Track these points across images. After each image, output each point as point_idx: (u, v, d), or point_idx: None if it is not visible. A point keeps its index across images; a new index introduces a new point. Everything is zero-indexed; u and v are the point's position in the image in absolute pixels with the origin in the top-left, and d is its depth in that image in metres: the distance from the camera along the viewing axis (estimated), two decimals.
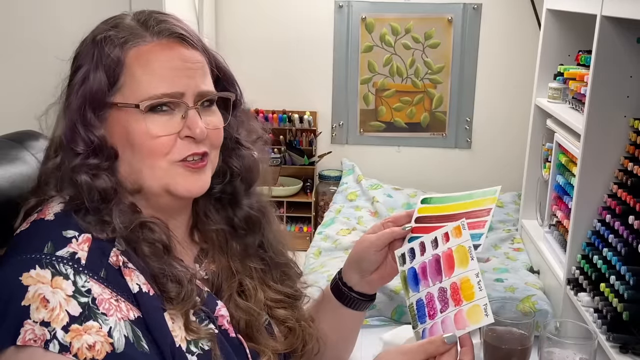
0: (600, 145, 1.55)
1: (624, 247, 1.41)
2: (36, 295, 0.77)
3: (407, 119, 2.68)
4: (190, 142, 0.91)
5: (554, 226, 1.91)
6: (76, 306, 0.78)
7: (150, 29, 0.91)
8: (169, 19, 0.93)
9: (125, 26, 0.91)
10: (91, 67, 0.89)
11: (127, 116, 0.88)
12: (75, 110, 0.88)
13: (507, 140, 2.64)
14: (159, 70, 0.89)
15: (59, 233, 0.83)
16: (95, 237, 0.84)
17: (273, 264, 1.05)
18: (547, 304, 1.73)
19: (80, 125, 0.88)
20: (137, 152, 0.88)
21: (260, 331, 0.97)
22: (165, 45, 0.90)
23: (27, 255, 0.80)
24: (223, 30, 2.65)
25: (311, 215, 2.53)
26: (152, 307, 0.85)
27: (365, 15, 2.60)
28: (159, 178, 0.90)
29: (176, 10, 1.91)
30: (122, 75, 0.89)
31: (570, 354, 1.20)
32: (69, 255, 0.81)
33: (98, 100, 0.88)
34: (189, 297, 0.87)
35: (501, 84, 2.62)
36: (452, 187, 2.61)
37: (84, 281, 0.80)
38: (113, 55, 0.88)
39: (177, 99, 0.89)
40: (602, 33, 1.49)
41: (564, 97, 1.91)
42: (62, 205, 0.87)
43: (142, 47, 0.90)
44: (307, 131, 2.62)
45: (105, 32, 0.90)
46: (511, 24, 2.56)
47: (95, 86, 0.88)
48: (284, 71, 2.67)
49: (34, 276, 0.78)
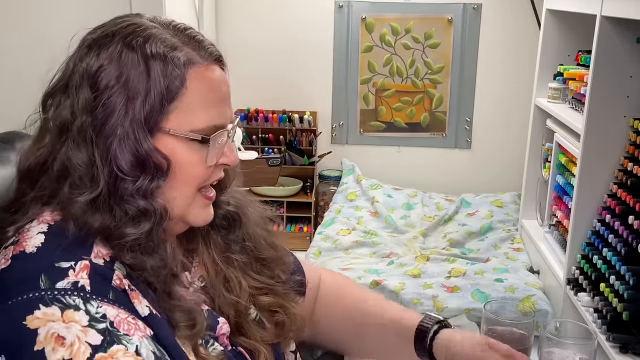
0: (600, 145, 1.55)
1: (624, 247, 1.41)
2: (49, 336, 0.71)
3: (407, 119, 2.68)
4: (220, 169, 0.90)
5: (554, 226, 1.91)
6: (95, 335, 0.73)
7: (200, 50, 0.86)
8: (203, 38, 0.88)
9: (174, 43, 0.84)
10: (149, 84, 0.81)
11: (175, 143, 0.83)
12: (128, 131, 0.80)
13: (507, 140, 2.64)
14: (213, 99, 0.85)
15: (50, 265, 0.77)
16: (93, 263, 0.79)
17: (254, 257, 1.04)
18: (547, 304, 1.73)
19: (142, 148, 0.81)
20: (178, 180, 0.85)
21: (249, 324, 0.97)
22: (213, 69, 0.87)
23: (23, 296, 0.74)
24: (223, 30, 2.65)
25: (311, 215, 2.53)
26: (165, 331, 0.82)
27: (365, 15, 2.60)
28: (185, 206, 0.88)
29: (176, 10, 1.91)
30: (179, 98, 0.82)
31: (570, 354, 1.20)
32: (71, 286, 0.75)
33: (154, 122, 0.81)
34: (201, 328, 0.86)
35: (501, 84, 2.62)
36: (452, 187, 2.63)
37: (97, 307, 0.75)
38: (177, 75, 0.82)
39: (224, 129, 0.87)
40: (602, 33, 1.49)
41: (563, 97, 1.91)
42: (42, 236, 0.80)
43: (199, 70, 0.84)
44: (307, 131, 2.62)
45: (157, 46, 0.82)
46: (511, 24, 2.56)
47: (154, 107, 0.81)
48: (284, 71, 2.67)
49: (41, 316, 0.72)
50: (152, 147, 0.81)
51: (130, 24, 0.85)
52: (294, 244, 2.45)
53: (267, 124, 2.60)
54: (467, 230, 2.27)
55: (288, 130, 2.61)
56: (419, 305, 1.74)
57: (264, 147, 2.58)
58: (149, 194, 0.82)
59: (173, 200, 0.86)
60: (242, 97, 2.67)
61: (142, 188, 0.81)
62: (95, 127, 0.81)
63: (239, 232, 1.02)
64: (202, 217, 0.91)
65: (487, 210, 2.38)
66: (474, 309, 1.70)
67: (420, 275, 1.87)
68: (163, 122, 0.82)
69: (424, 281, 1.83)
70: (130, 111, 0.81)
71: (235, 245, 1.02)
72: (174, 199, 0.86)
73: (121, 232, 0.81)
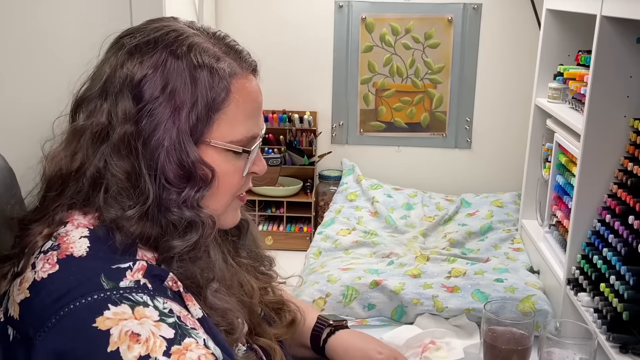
0: (600, 145, 1.55)
1: (624, 247, 1.41)
2: (123, 335, 0.71)
3: (407, 119, 2.68)
4: (250, 177, 0.92)
5: (554, 226, 1.91)
6: (168, 329, 0.73)
7: (240, 61, 0.86)
8: (242, 48, 0.89)
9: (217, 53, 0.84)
10: (197, 94, 0.80)
11: (214, 154, 0.83)
12: (175, 142, 0.79)
13: (507, 140, 2.64)
14: (251, 110, 0.86)
15: (107, 267, 0.76)
16: (149, 264, 0.79)
17: (258, 259, 1.06)
18: (547, 304, 1.73)
19: (189, 158, 0.80)
20: (219, 190, 0.85)
21: (261, 322, 0.99)
22: (252, 80, 0.87)
23: (87, 298, 0.73)
24: (223, 30, 2.64)
25: (311, 215, 2.53)
26: (216, 332, 0.83)
27: (365, 15, 2.60)
28: (220, 213, 0.88)
29: (176, 10, 1.91)
30: (222, 109, 0.82)
31: (570, 354, 1.20)
32: (134, 284, 0.75)
33: (201, 132, 0.81)
34: (240, 333, 0.87)
35: (501, 84, 2.61)
36: (452, 187, 2.63)
37: (163, 303, 0.76)
38: (223, 85, 0.82)
39: (259, 139, 0.88)
40: (602, 33, 1.49)
41: (564, 97, 1.91)
42: (86, 240, 0.79)
43: (240, 82, 0.85)
44: (307, 131, 2.62)
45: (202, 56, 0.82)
46: (511, 24, 2.55)
47: (201, 117, 0.81)
48: (284, 71, 2.67)
49: (112, 316, 0.72)
50: (198, 158, 0.81)
51: (171, 31, 0.84)
52: (294, 244, 2.45)
53: (267, 124, 2.60)
54: (467, 230, 2.27)
55: (288, 130, 2.61)
56: (419, 306, 1.74)
57: (264, 147, 2.58)
58: (196, 205, 0.82)
59: (212, 211, 0.86)
60: None
61: (188, 199, 0.81)
62: (141, 137, 0.80)
63: (246, 238, 1.04)
64: (232, 220, 0.93)
65: (487, 210, 2.38)
66: (474, 309, 1.70)
67: (420, 275, 1.87)
68: (207, 133, 0.82)
69: (424, 281, 1.83)
70: (177, 122, 0.80)
71: (243, 250, 1.03)
72: (212, 208, 0.86)
73: (169, 244, 0.80)
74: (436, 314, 1.74)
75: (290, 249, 2.43)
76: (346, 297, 1.78)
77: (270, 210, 2.53)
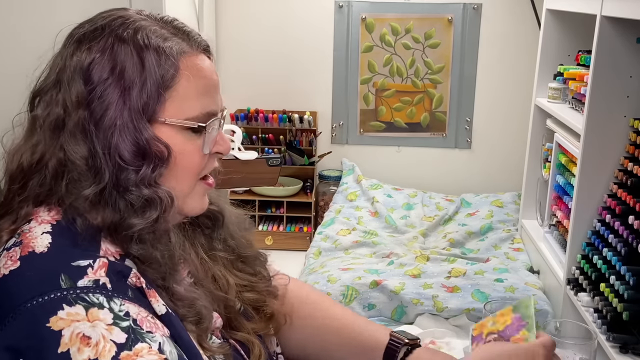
0: (600, 145, 1.55)
1: (624, 247, 1.41)
2: (74, 337, 0.71)
3: (407, 119, 2.68)
4: (214, 158, 0.91)
5: (554, 226, 1.91)
6: (120, 333, 0.73)
7: (189, 40, 0.86)
8: (190, 29, 0.89)
9: (164, 34, 0.85)
10: (145, 74, 0.81)
11: (170, 132, 0.84)
12: (127, 122, 0.80)
13: (507, 140, 2.64)
14: (204, 87, 0.86)
15: (66, 264, 0.76)
16: (110, 260, 0.79)
17: (237, 255, 1.05)
18: (547, 304, 1.73)
19: (142, 137, 0.81)
20: (175, 169, 0.85)
21: (238, 318, 0.98)
22: (203, 58, 0.87)
23: (44, 297, 0.73)
24: (223, 30, 2.65)
25: (311, 215, 2.53)
26: (180, 327, 0.83)
27: (365, 15, 2.60)
28: (184, 196, 0.88)
29: (176, 10, 1.91)
30: (173, 87, 0.83)
31: (570, 354, 1.20)
32: (93, 284, 0.75)
33: (152, 111, 0.82)
34: (208, 324, 0.87)
35: (501, 84, 2.61)
36: (452, 187, 2.63)
37: (119, 305, 0.75)
38: (171, 64, 0.82)
39: (216, 117, 0.87)
40: (602, 33, 1.49)
41: (563, 97, 1.92)
42: (48, 236, 0.79)
43: (190, 59, 0.85)
44: (307, 131, 2.62)
45: (148, 37, 0.83)
46: (511, 24, 2.55)
47: (151, 96, 0.81)
48: (284, 71, 2.67)
49: (65, 317, 0.71)
50: (152, 136, 0.82)
51: (118, 17, 0.86)
52: (294, 244, 2.46)
53: (267, 124, 2.60)
54: (467, 230, 2.27)
55: (288, 130, 2.61)
56: (419, 305, 1.74)
57: (264, 147, 2.58)
58: (153, 182, 0.82)
59: (172, 190, 0.86)
60: (242, 97, 2.67)
61: (145, 177, 0.81)
62: (94, 120, 0.81)
63: (221, 231, 1.03)
64: (199, 206, 0.92)
65: (487, 210, 2.39)
66: (474, 309, 1.70)
67: (420, 275, 1.88)
68: (160, 111, 0.83)
69: (424, 281, 1.83)
70: (127, 102, 0.81)
71: (219, 244, 1.02)
72: (173, 188, 0.86)
73: (128, 223, 0.81)
74: (436, 314, 1.74)
75: (290, 249, 2.43)
76: (346, 297, 1.78)
77: (270, 210, 2.53)
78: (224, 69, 2.63)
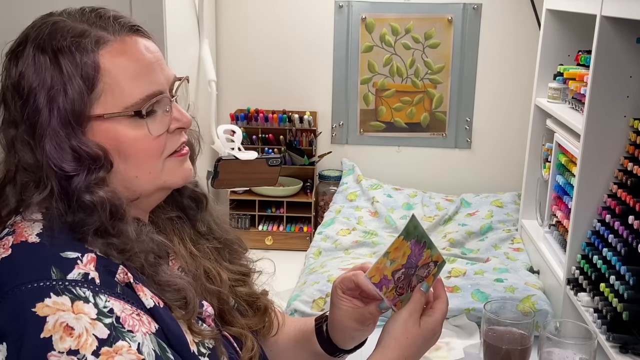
0: (600, 145, 1.55)
1: (624, 247, 1.41)
2: (58, 325, 0.73)
3: (407, 119, 2.68)
4: (178, 133, 0.91)
5: (553, 226, 1.91)
6: (103, 328, 0.75)
7: (109, 27, 0.85)
8: (114, 13, 0.89)
9: (80, 29, 0.84)
10: (64, 79, 0.82)
11: (114, 126, 0.84)
12: (57, 130, 0.82)
13: (507, 140, 2.64)
14: (136, 70, 0.85)
15: (57, 255, 0.79)
16: (98, 255, 0.81)
17: (223, 242, 1.05)
18: (547, 304, 1.73)
19: (72, 143, 0.82)
20: (132, 159, 0.86)
21: (232, 313, 0.99)
22: (129, 41, 0.86)
23: (33, 284, 0.75)
24: (223, 30, 2.65)
25: (311, 215, 2.53)
26: (169, 318, 0.84)
27: (365, 15, 2.60)
28: (155, 178, 0.89)
29: (176, 10, 1.91)
30: (99, 82, 0.83)
31: (570, 354, 1.20)
32: (82, 277, 0.77)
33: (80, 114, 0.82)
34: (194, 306, 0.88)
35: (501, 84, 2.61)
36: (452, 187, 2.63)
37: (105, 301, 0.77)
38: (89, 61, 0.82)
39: (161, 95, 0.87)
40: (602, 33, 1.49)
41: (563, 97, 1.92)
42: (39, 225, 0.82)
43: (113, 47, 0.84)
44: (307, 131, 2.62)
45: (63, 38, 0.83)
46: (511, 24, 2.55)
47: (75, 100, 0.82)
48: (284, 71, 2.67)
49: (51, 305, 0.74)
50: (81, 140, 0.82)
51: (39, 25, 0.86)
52: (294, 244, 2.45)
53: (267, 124, 2.60)
54: (467, 230, 2.27)
55: (288, 130, 2.61)
56: None
57: (264, 147, 2.58)
58: (93, 187, 0.83)
59: (136, 180, 0.87)
60: (242, 97, 2.67)
61: (82, 182, 0.82)
62: (31, 132, 0.83)
63: (205, 214, 1.03)
64: (180, 176, 0.92)
65: (487, 210, 2.39)
66: (474, 309, 1.70)
67: None
68: (91, 110, 0.83)
69: None
70: (54, 110, 0.82)
71: (202, 226, 1.02)
72: (136, 177, 0.87)
73: (81, 223, 0.82)
74: None
75: (290, 249, 2.43)
76: None
77: (270, 210, 2.52)
78: (224, 69, 2.63)
